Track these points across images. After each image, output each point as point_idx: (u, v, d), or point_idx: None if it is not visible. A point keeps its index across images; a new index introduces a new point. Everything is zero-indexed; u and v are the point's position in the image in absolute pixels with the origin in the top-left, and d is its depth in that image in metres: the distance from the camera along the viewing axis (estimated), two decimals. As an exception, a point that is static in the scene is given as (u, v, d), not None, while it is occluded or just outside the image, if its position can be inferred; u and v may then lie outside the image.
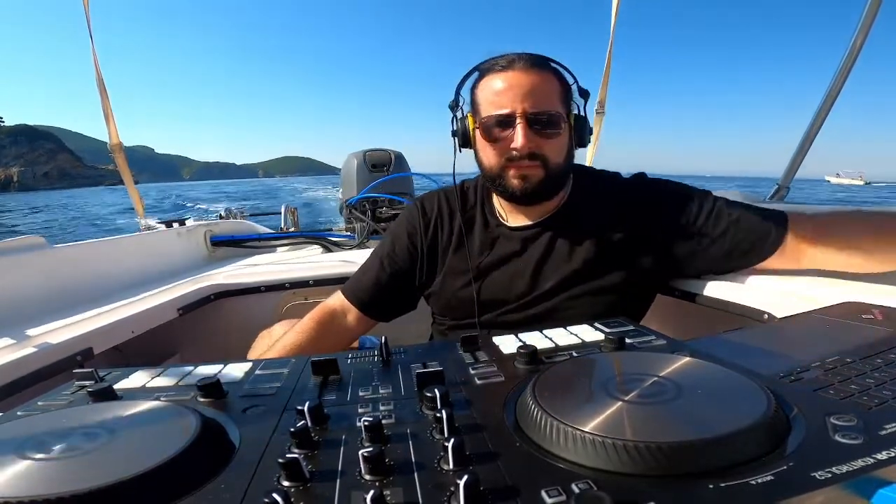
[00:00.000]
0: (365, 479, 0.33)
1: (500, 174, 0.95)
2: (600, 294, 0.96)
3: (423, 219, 1.09)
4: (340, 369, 0.53)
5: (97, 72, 1.99)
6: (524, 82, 0.91)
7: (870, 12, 1.56)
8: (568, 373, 0.47)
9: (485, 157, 0.97)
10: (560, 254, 0.98)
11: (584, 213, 1.00)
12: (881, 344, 0.51)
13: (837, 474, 0.30)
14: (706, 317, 0.99)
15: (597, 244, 0.96)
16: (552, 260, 0.98)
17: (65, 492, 0.30)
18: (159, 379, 0.55)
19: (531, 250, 1.00)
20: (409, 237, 1.09)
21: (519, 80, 0.91)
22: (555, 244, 0.99)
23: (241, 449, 0.38)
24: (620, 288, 0.96)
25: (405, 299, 1.10)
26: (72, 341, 1.03)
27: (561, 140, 0.94)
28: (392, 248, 1.09)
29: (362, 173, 2.64)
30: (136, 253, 1.73)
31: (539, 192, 0.95)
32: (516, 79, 0.91)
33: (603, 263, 0.96)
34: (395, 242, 1.09)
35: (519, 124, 0.89)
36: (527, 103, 0.89)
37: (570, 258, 0.97)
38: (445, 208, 1.10)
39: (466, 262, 1.02)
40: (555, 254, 0.98)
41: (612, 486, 0.30)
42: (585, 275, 0.96)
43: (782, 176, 1.93)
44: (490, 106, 0.93)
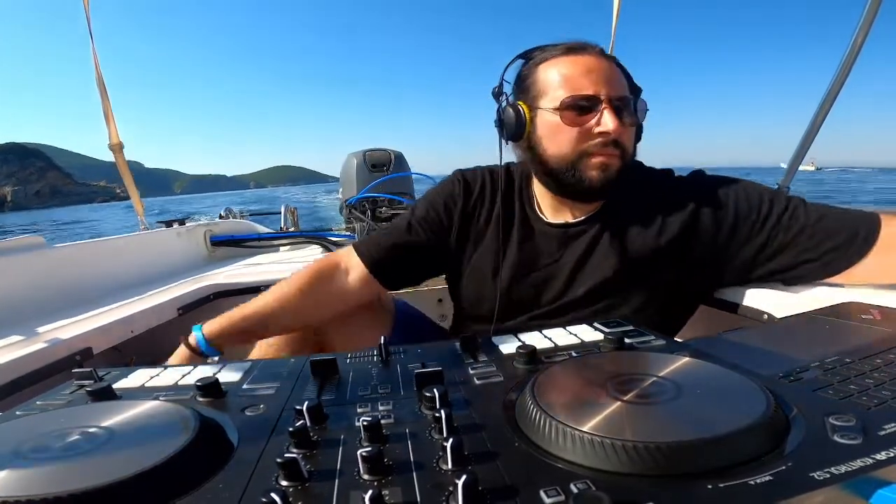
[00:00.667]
0: (364, 478, 0.33)
1: (574, 163, 0.85)
2: (639, 304, 0.87)
3: (466, 193, 1.00)
4: (339, 369, 0.53)
5: (97, 72, 1.99)
6: (603, 66, 0.85)
7: (870, 11, 1.56)
8: (567, 373, 0.47)
9: (554, 144, 0.87)
10: (600, 256, 0.89)
11: (630, 213, 0.90)
12: (880, 344, 0.51)
13: (836, 474, 0.30)
14: (706, 317, 0.98)
15: (642, 247, 0.87)
16: (592, 261, 0.90)
17: (63, 491, 0.30)
18: (158, 379, 0.55)
19: (569, 251, 0.92)
20: (445, 207, 1.00)
21: (597, 63, 0.85)
22: (595, 245, 0.90)
23: (239, 448, 0.38)
24: (662, 298, 0.88)
25: (419, 271, 1.02)
26: (71, 341, 1.03)
27: (633, 130, 0.88)
28: (426, 213, 0.99)
29: (362, 173, 2.64)
30: (135, 253, 1.73)
31: (614, 184, 0.86)
32: (593, 62, 0.85)
33: (647, 270, 0.87)
34: (429, 209, 1.00)
35: (606, 107, 0.82)
36: (609, 87, 0.84)
37: (611, 261, 0.88)
38: (489, 188, 1.00)
39: (498, 255, 0.94)
40: (595, 256, 0.90)
41: (610, 486, 0.30)
42: (626, 282, 0.87)
43: (783, 176, 1.93)
44: (566, 88, 0.84)
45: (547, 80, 0.87)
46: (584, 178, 0.85)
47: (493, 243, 0.95)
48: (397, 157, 2.71)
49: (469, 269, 0.98)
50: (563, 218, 0.94)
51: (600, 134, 0.83)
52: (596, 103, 0.83)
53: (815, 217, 0.81)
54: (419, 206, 1.02)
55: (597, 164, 0.85)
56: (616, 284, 0.87)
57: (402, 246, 0.97)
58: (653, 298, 0.87)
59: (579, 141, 0.84)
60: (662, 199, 0.90)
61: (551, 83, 0.86)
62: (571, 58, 0.86)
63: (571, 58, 0.86)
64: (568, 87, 0.84)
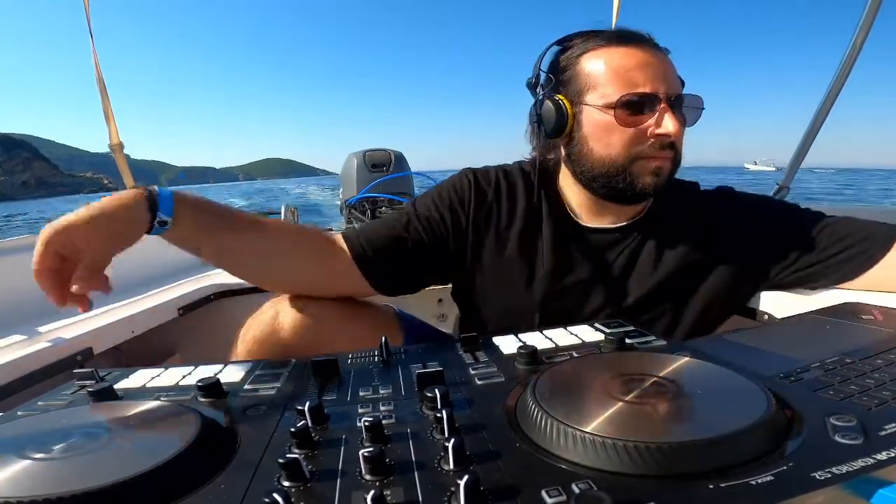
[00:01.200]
0: (365, 478, 0.33)
1: (626, 166, 0.78)
2: (680, 316, 0.85)
3: (478, 195, 0.89)
4: (340, 369, 0.53)
5: (97, 71, 1.98)
6: (657, 60, 0.77)
7: (870, 11, 1.56)
8: (568, 373, 0.47)
9: (603, 145, 0.79)
10: (644, 266, 0.84)
11: (670, 221, 0.86)
12: (881, 344, 0.51)
13: (837, 474, 0.30)
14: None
15: (684, 257, 0.84)
16: (636, 272, 0.85)
17: (65, 492, 0.30)
18: (159, 379, 0.55)
19: (611, 259, 0.85)
20: (452, 209, 0.88)
21: (651, 56, 0.77)
22: (639, 254, 0.85)
23: (241, 449, 0.38)
24: (701, 309, 0.85)
25: (414, 274, 0.87)
26: (72, 341, 1.03)
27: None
28: (428, 211, 0.88)
29: (362, 173, 2.64)
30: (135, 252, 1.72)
31: (663, 190, 0.80)
32: (649, 55, 0.77)
33: (690, 281, 0.84)
34: (433, 207, 0.89)
35: (665, 106, 0.75)
36: (666, 84, 0.76)
37: (656, 271, 0.83)
38: (504, 189, 0.90)
39: (529, 263, 0.86)
40: (639, 265, 0.85)
41: (612, 486, 0.30)
42: (671, 291, 0.84)
43: (783, 175, 1.93)
44: (619, 84, 0.76)
45: (595, 73, 0.78)
46: (637, 184, 0.78)
47: (524, 250, 0.87)
48: (397, 157, 2.70)
49: (492, 280, 0.88)
50: (602, 222, 0.87)
51: (658, 136, 0.76)
52: (654, 102, 0.75)
53: (840, 228, 0.81)
54: (422, 202, 0.91)
55: (651, 168, 0.78)
56: (661, 296, 0.84)
57: (396, 241, 0.84)
58: (692, 310, 0.85)
59: (633, 143, 0.77)
60: (699, 210, 0.87)
61: (601, 76, 0.78)
62: (623, 49, 0.77)
63: (623, 49, 0.77)
64: (622, 82, 0.76)
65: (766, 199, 0.92)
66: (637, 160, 0.78)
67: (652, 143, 0.77)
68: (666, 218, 0.87)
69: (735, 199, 0.90)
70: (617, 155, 0.78)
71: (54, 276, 0.63)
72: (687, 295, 0.85)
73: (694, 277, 0.85)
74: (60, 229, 0.63)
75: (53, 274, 0.63)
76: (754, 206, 0.88)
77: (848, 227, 0.80)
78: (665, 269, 0.84)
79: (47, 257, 0.63)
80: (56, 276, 0.63)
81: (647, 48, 0.78)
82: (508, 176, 0.92)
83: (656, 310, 0.85)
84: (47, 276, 0.63)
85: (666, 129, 0.75)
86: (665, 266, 0.84)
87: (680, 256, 0.84)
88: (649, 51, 0.78)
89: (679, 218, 0.87)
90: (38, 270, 0.63)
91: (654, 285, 0.83)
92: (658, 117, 0.75)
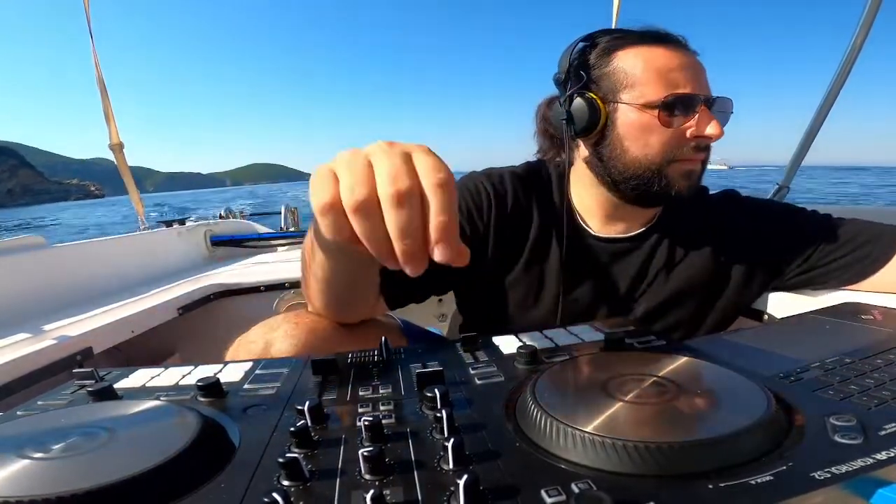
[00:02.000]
0: (365, 478, 0.33)
1: (662, 168, 0.77)
2: (691, 323, 0.85)
3: (499, 202, 0.85)
4: (340, 369, 0.53)
5: (97, 72, 1.99)
6: (692, 61, 0.76)
7: (870, 11, 1.56)
8: (568, 373, 0.47)
9: (640, 145, 0.77)
10: (656, 275, 0.84)
11: (682, 229, 0.85)
12: (881, 344, 0.51)
13: (837, 474, 0.30)
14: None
15: (695, 264, 0.84)
16: (647, 282, 0.84)
17: (65, 491, 0.30)
18: (159, 378, 0.55)
19: (623, 268, 0.85)
20: (470, 218, 0.84)
21: (687, 57, 0.76)
22: (651, 262, 0.84)
23: (241, 448, 0.38)
24: (714, 312, 0.85)
25: (424, 289, 0.83)
26: (72, 341, 1.03)
27: None
28: None
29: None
30: (135, 253, 1.73)
31: (693, 192, 0.79)
32: (686, 57, 0.76)
33: (702, 286, 0.84)
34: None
35: (702, 110, 0.74)
36: (704, 86, 0.76)
37: (668, 280, 0.83)
38: (521, 195, 0.87)
39: (540, 275, 0.84)
40: (651, 274, 0.84)
41: (612, 485, 0.30)
42: (683, 299, 0.84)
43: (783, 175, 1.93)
44: (662, 83, 0.74)
45: (633, 71, 0.76)
46: (672, 186, 0.77)
47: (536, 261, 0.85)
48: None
49: (503, 290, 0.86)
50: (613, 231, 0.86)
51: (698, 138, 0.75)
52: (695, 104, 0.75)
53: (846, 230, 0.81)
54: None
55: (686, 171, 0.77)
56: (674, 304, 0.84)
57: None
58: (704, 316, 0.86)
59: (672, 144, 0.76)
60: (708, 216, 0.87)
61: (639, 75, 0.76)
62: (661, 49, 0.76)
63: (661, 49, 0.76)
64: (664, 82, 0.74)
65: (771, 202, 0.93)
66: (674, 162, 0.77)
67: (692, 145, 0.76)
68: (676, 225, 0.86)
69: (742, 203, 0.91)
70: (655, 155, 0.77)
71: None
72: (699, 301, 0.85)
73: (705, 284, 0.84)
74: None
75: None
76: (761, 209, 0.88)
77: (854, 229, 0.81)
78: (677, 277, 0.83)
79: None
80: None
81: (684, 49, 0.78)
82: (521, 180, 0.89)
83: (669, 318, 0.84)
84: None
85: (710, 131, 0.74)
86: (677, 274, 0.84)
87: (691, 264, 0.84)
88: (686, 52, 0.77)
89: (689, 224, 0.86)
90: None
91: (668, 294, 0.83)
92: (699, 119, 0.75)
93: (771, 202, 0.94)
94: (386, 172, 0.39)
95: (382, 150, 0.41)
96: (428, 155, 0.41)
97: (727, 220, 0.87)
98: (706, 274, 0.84)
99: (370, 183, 0.40)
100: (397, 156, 0.40)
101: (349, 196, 0.40)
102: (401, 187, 0.38)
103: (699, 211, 0.88)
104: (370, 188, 0.39)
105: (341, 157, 0.42)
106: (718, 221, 0.87)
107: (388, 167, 0.39)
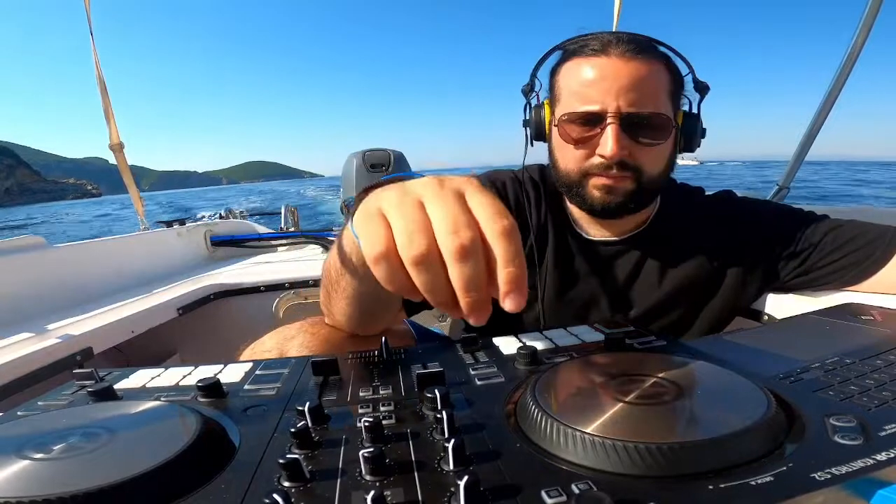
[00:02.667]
0: (365, 479, 0.33)
1: (578, 182, 0.78)
2: (689, 321, 0.85)
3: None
4: (340, 369, 0.53)
5: (98, 71, 1.99)
6: (622, 73, 0.72)
7: (870, 11, 1.56)
8: (568, 373, 0.47)
9: (561, 159, 0.80)
10: (649, 277, 0.84)
11: (675, 231, 0.85)
12: (881, 345, 0.51)
13: (837, 475, 0.30)
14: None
15: (690, 266, 0.84)
16: (639, 284, 0.85)
17: (65, 492, 0.30)
18: (159, 379, 0.55)
19: (615, 271, 0.85)
20: None
21: (616, 69, 0.73)
22: (643, 265, 0.85)
23: (241, 449, 0.39)
24: (709, 313, 0.85)
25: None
26: (72, 341, 1.03)
27: (662, 148, 0.77)
28: None
29: (361, 173, 2.65)
30: (135, 253, 1.73)
31: (625, 207, 0.78)
32: (612, 67, 0.73)
33: (696, 287, 0.84)
34: None
35: (610, 125, 0.72)
36: (622, 100, 0.72)
37: (662, 282, 0.83)
38: (522, 199, 0.89)
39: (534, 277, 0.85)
40: (642, 277, 0.85)
41: (612, 486, 0.30)
42: (677, 300, 0.84)
43: (783, 176, 1.93)
44: (573, 98, 0.75)
45: (562, 84, 0.79)
46: (588, 200, 0.78)
47: (531, 263, 0.86)
48: (397, 157, 2.71)
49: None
50: (605, 233, 0.86)
51: (601, 155, 0.75)
52: (601, 119, 0.73)
53: (845, 232, 0.81)
54: None
55: (599, 185, 0.76)
56: (667, 305, 0.84)
57: None
58: (699, 317, 0.86)
59: (581, 159, 0.77)
60: (704, 217, 0.87)
61: (564, 89, 0.78)
62: (591, 59, 0.75)
63: (591, 59, 0.75)
64: (573, 97, 0.75)
65: (769, 203, 0.93)
66: (587, 177, 0.78)
67: (597, 161, 0.75)
68: (670, 226, 0.86)
69: (738, 204, 0.91)
70: (570, 170, 0.79)
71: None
72: (693, 302, 0.85)
73: (700, 285, 0.85)
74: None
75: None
76: (758, 210, 0.88)
77: (852, 230, 0.81)
78: (671, 278, 0.84)
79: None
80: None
81: (618, 59, 0.73)
82: (521, 184, 0.91)
83: (663, 319, 0.85)
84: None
85: (605, 149, 0.73)
86: (671, 276, 0.84)
87: (685, 265, 0.84)
88: (619, 62, 0.73)
89: (683, 226, 0.86)
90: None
91: (661, 296, 0.83)
92: (600, 135, 0.74)
93: (768, 203, 0.94)
94: (445, 221, 0.36)
95: (434, 192, 0.38)
96: (483, 195, 0.38)
97: (722, 221, 0.87)
98: (699, 275, 0.84)
99: (429, 233, 0.36)
100: (452, 199, 0.37)
101: (408, 247, 0.36)
102: (465, 241, 0.35)
103: (695, 212, 0.88)
104: (430, 239, 0.36)
105: (389, 198, 0.39)
106: (713, 222, 0.87)
107: (446, 214, 0.36)
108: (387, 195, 0.40)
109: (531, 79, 0.84)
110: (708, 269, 0.84)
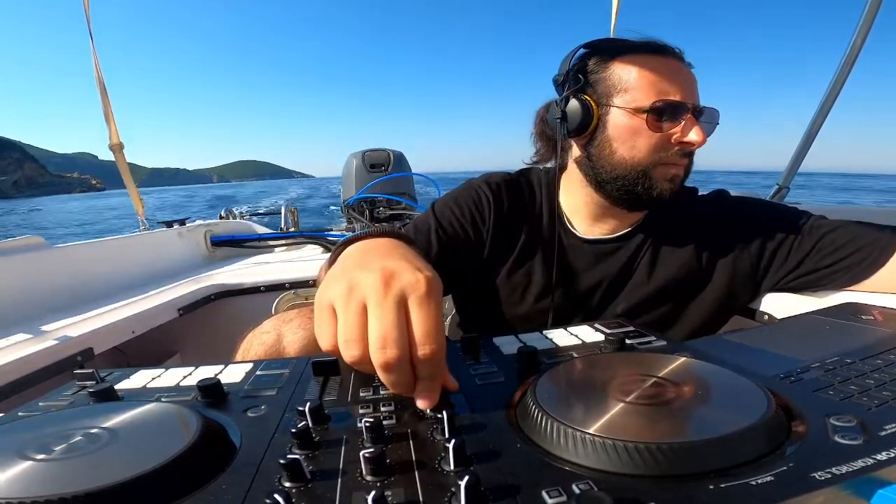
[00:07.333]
0: (366, 479, 0.33)
1: (647, 171, 0.81)
2: (679, 320, 0.86)
3: (497, 206, 0.90)
4: (341, 370, 0.53)
5: (97, 72, 1.99)
6: (684, 71, 0.80)
7: (870, 11, 1.56)
8: (568, 374, 0.47)
9: (628, 148, 0.81)
10: (639, 274, 0.87)
11: (666, 229, 0.88)
12: (881, 345, 0.51)
13: (837, 475, 0.30)
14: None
15: (681, 264, 0.86)
16: (632, 281, 0.87)
17: (66, 492, 0.30)
18: (160, 379, 0.55)
19: (605, 268, 0.88)
20: (473, 222, 0.90)
21: (678, 67, 0.80)
22: (634, 262, 0.87)
23: (242, 450, 0.39)
24: (701, 312, 0.86)
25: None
26: (72, 341, 1.03)
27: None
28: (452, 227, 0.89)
29: (361, 173, 2.65)
30: (136, 253, 1.73)
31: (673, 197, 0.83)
32: (675, 66, 0.80)
33: (687, 286, 0.86)
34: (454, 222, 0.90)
35: (690, 117, 0.78)
36: (693, 96, 0.80)
37: (652, 279, 0.86)
38: (515, 199, 0.92)
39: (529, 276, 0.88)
40: (632, 274, 0.87)
41: (612, 486, 0.30)
42: (668, 298, 0.86)
43: (783, 176, 1.93)
44: (653, 89, 0.78)
45: (627, 77, 0.81)
46: (655, 188, 0.81)
47: (526, 263, 0.90)
48: (396, 158, 2.71)
49: (496, 292, 0.90)
50: (599, 232, 0.90)
51: (681, 143, 0.79)
52: (682, 111, 0.79)
53: (843, 233, 0.81)
54: (443, 215, 0.91)
55: (670, 174, 0.81)
56: (657, 302, 0.85)
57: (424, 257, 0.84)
58: (689, 316, 0.86)
59: (658, 148, 0.80)
60: (697, 216, 0.89)
61: (633, 81, 0.80)
62: (657, 58, 0.81)
63: (657, 58, 0.81)
64: (655, 89, 0.78)
65: (764, 202, 0.93)
66: (658, 165, 0.81)
67: (676, 150, 0.80)
68: (662, 225, 0.88)
69: (732, 204, 0.91)
70: (641, 158, 0.81)
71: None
72: (684, 301, 0.86)
73: (691, 284, 0.86)
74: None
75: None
76: (753, 210, 0.89)
77: (849, 232, 0.81)
78: (662, 276, 0.85)
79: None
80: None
81: (678, 60, 0.82)
82: (515, 185, 0.94)
83: (651, 315, 0.86)
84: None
85: (693, 137, 0.78)
86: (662, 273, 0.86)
87: (675, 263, 0.86)
88: (680, 63, 0.81)
89: (676, 224, 0.88)
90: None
91: (649, 292, 0.85)
92: (685, 126, 0.79)
93: (764, 202, 0.94)
94: (376, 333, 0.40)
95: (378, 299, 0.41)
96: (422, 309, 0.41)
97: (714, 220, 0.88)
98: (690, 273, 0.86)
99: (362, 343, 0.41)
100: (390, 310, 0.41)
101: (344, 351, 0.42)
102: (389, 358, 0.40)
103: (688, 211, 0.90)
104: (362, 349, 0.41)
105: (339, 294, 0.43)
106: (706, 222, 0.88)
107: (379, 327, 0.40)
108: (337, 290, 0.43)
109: (571, 72, 0.85)
110: (698, 266, 0.86)
